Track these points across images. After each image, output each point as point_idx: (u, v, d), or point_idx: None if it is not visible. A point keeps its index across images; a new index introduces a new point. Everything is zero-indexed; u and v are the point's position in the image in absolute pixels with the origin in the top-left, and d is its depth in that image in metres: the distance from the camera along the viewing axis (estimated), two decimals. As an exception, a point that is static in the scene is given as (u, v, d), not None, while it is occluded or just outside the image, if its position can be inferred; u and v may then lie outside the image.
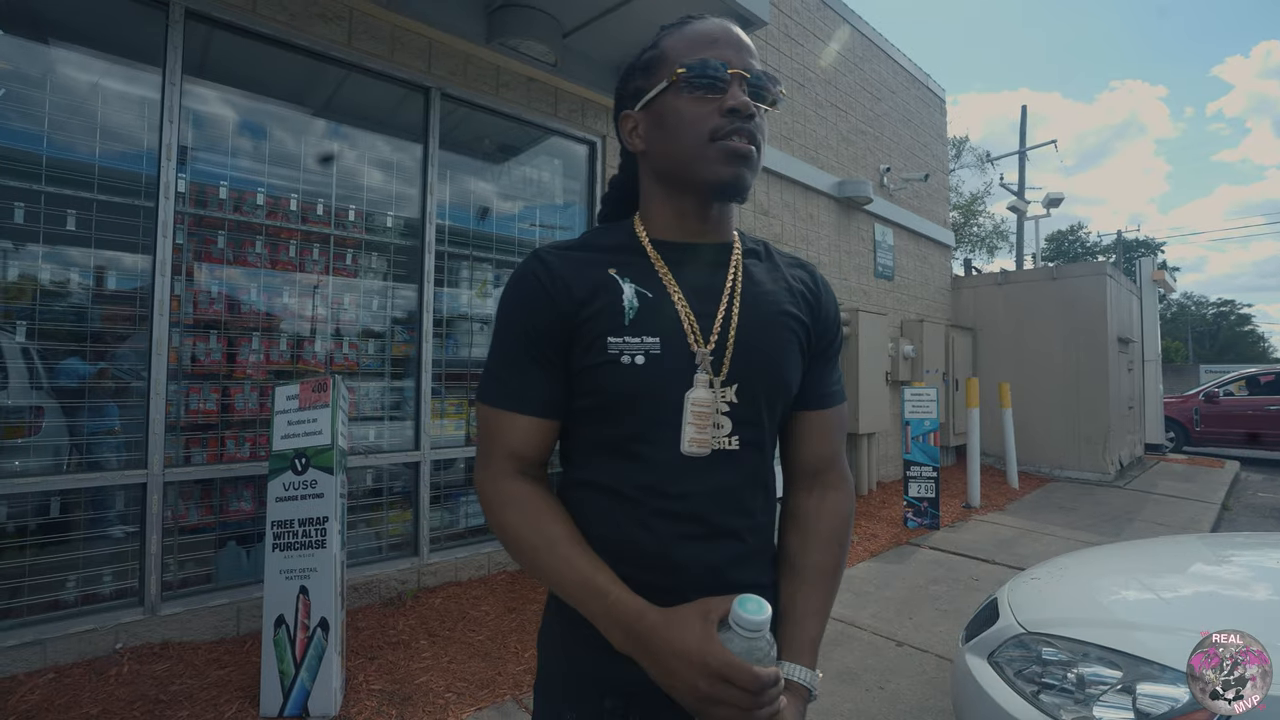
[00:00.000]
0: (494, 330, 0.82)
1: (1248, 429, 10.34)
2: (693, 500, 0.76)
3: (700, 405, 0.75)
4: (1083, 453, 7.60)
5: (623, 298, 0.77)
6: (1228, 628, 1.51)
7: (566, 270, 0.78)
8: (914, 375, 7.28)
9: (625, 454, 0.77)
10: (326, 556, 2.35)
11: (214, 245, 2.95)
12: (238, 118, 3.05)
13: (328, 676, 2.28)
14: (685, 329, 0.77)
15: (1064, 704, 1.46)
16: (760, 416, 0.80)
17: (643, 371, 0.75)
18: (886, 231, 7.54)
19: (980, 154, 22.33)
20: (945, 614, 3.37)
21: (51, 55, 2.60)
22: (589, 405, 0.77)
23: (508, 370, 0.79)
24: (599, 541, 0.76)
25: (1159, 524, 5.45)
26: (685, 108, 0.76)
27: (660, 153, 0.80)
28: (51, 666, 2.40)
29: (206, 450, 2.90)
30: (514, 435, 0.78)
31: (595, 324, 0.76)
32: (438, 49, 3.55)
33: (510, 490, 0.78)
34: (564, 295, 0.77)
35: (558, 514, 0.77)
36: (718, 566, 0.77)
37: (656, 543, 0.75)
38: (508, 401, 0.79)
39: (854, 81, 7.13)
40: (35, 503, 2.51)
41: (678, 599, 0.72)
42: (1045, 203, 13.79)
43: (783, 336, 0.83)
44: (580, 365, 0.76)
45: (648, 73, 0.81)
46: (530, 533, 0.75)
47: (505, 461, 0.79)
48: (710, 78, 0.75)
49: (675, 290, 0.79)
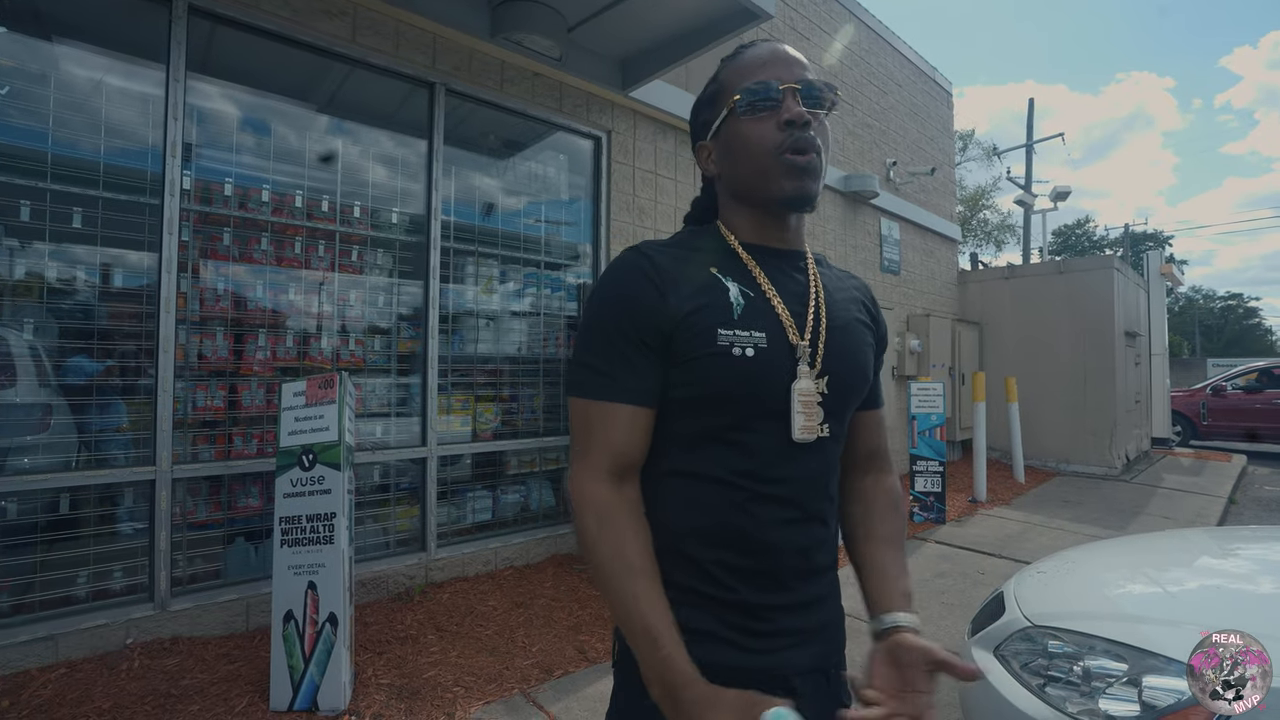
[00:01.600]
0: (589, 322, 0.83)
1: (1255, 423, 10.28)
2: (790, 485, 0.81)
3: (805, 395, 0.81)
4: (1089, 447, 7.57)
5: (729, 294, 0.82)
6: (1232, 623, 1.51)
7: (670, 265, 0.82)
8: (920, 370, 7.26)
9: (726, 442, 0.80)
10: (334, 552, 2.37)
11: (219, 242, 2.96)
12: (242, 114, 3.05)
13: (337, 671, 2.29)
14: (785, 325, 0.83)
15: (1070, 696, 1.46)
16: (844, 409, 0.87)
17: (752, 363, 0.79)
18: (893, 226, 7.50)
19: (987, 148, 22.20)
20: (952, 608, 3.37)
21: (55, 52, 2.61)
22: (692, 395, 0.80)
23: (609, 361, 0.80)
24: (695, 530, 0.79)
25: (1165, 518, 5.43)
26: (746, 129, 0.83)
27: (731, 175, 0.87)
28: (63, 661, 2.43)
29: (214, 447, 2.92)
30: (617, 428, 0.79)
31: (704, 317, 0.79)
32: (442, 44, 3.54)
33: (602, 497, 0.78)
34: (670, 287, 0.80)
35: (641, 538, 0.78)
36: (807, 549, 0.83)
37: (756, 527, 0.79)
38: (611, 392, 0.79)
39: (860, 75, 7.08)
40: (45, 499, 2.54)
41: (771, 582, 0.80)
42: (1052, 196, 13.70)
43: (861, 338, 0.92)
44: (687, 356, 0.78)
45: (712, 105, 0.89)
46: (609, 552, 0.76)
47: (604, 458, 0.79)
48: (763, 97, 0.81)
49: (771, 290, 0.85)
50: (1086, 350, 7.67)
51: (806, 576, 0.83)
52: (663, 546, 0.80)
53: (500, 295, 3.98)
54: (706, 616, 0.79)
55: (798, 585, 0.82)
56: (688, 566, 0.80)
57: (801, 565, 0.82)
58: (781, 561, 0.80)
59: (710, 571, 0.79)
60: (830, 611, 0.87)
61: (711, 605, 0.79)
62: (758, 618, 0.79)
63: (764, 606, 0.80)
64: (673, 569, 0.79)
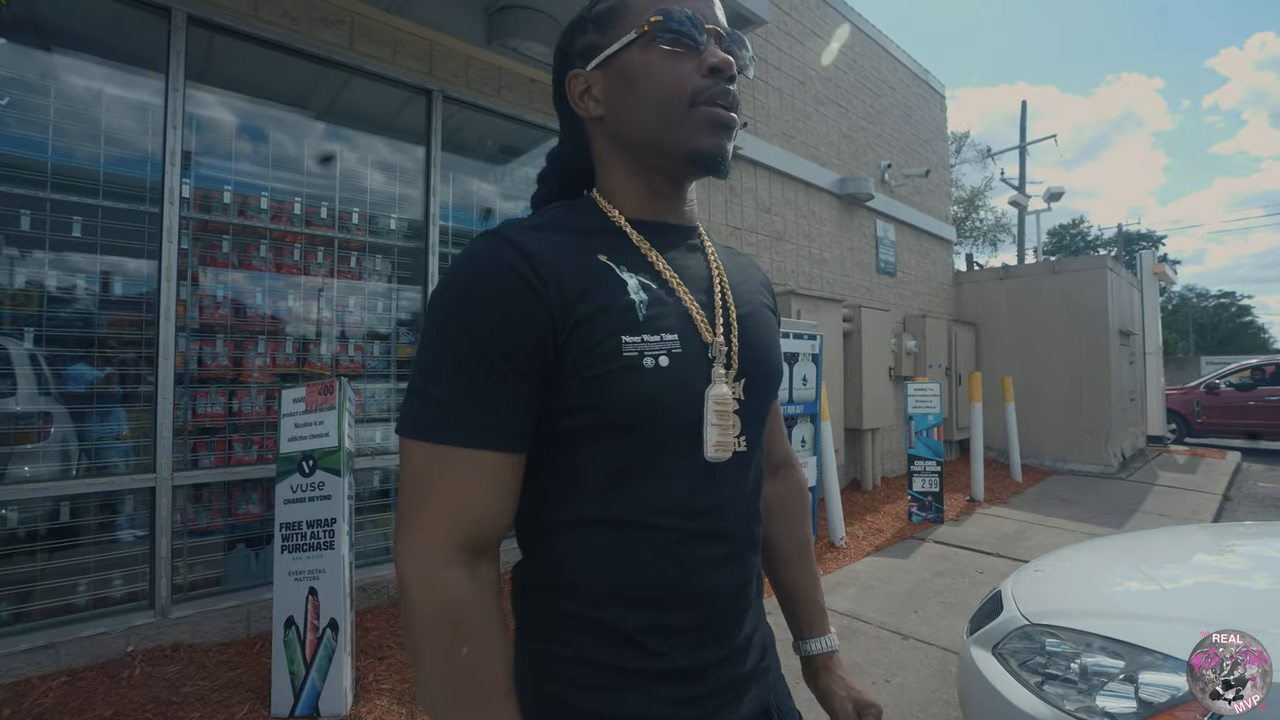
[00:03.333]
0: (437, 338, 0.61)
1: (1249, 420, 10.34)
2: (718, 515, 0.67)
3: (721, 403, 0.66)
4: (1085, 445, 7.61)
5: (628, 290, 0.64)
6: (1228, 619, 1.53)
7: (547, 254, 0.62)
8: (917, 370, 7.29)
9: (642, 474, 0.64)
10: (335, 558, 2.37)
11: (219, 250, 2.97)
12: (240, 122, 3.07)
13: (338, 676, 2.30)
14: (696, 322, 0.68)
15: (1068, 694, 1.48)
16: (763, 412, 0.75)
17: (668, 374, 0.63)
18: (888, 227, 7.54)
19: (981, 149, 22.32)
20: (950, 607, 3.38)
21: (54, 62, 2.62)
22: (595, 423, 0.63)
23: (470, 392, 0.59)
24: (614, 592, 0.64)
25: (1161, 515, 5.46)
26: (659, 65, 0.66)
27: (627, 118, 0.68)
28: (65, 670, 2.43)
29: (214, 454, 2.92)
30: (472, 485, 0.59)
31: (602, 322, 0.62)
32: (439, 52, 3.56)
33: (455, 595, 0.58)
34: (555, 287, 0.61)
35: (504, 649, 0.61)
36: (743, 586, 0.71)
37: (688, 574, 0.65)
38: (472, 435, 0.59)
39: (854, 78, 7.13)
40: (46, 508, 2.54)
41: (707, 636, 0.67)
42: (1046, 197, 13.77)
43: (769, 324, 0.79)
44: (584, 374, 0.61)
45: (603, 26, 0.70)
46: (463, 678, 0.58)
47: (453, 530, 0.58)
48: (686, 31, 0.66)
49: (674, 279, 0.69)
50: (1081, 349, 7.72)
51: (743, 616, 0.71)
52: (572, 614, 0.65)
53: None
54: (634, 698, 0.63)
55: (736, 630, 0.70)
56: (607, 638, 0.64)
57: (739, 605, 0.70)
58: (719, 607, 0.68)
59: (635, 640, 0.63)
60: (763, 641, 0.76)
61: (639, 682, 0.64)
62: (694, 681, 0.66)
63: (700, 667, 0.66)
64: (586, 643, 0.64)
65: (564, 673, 0.65)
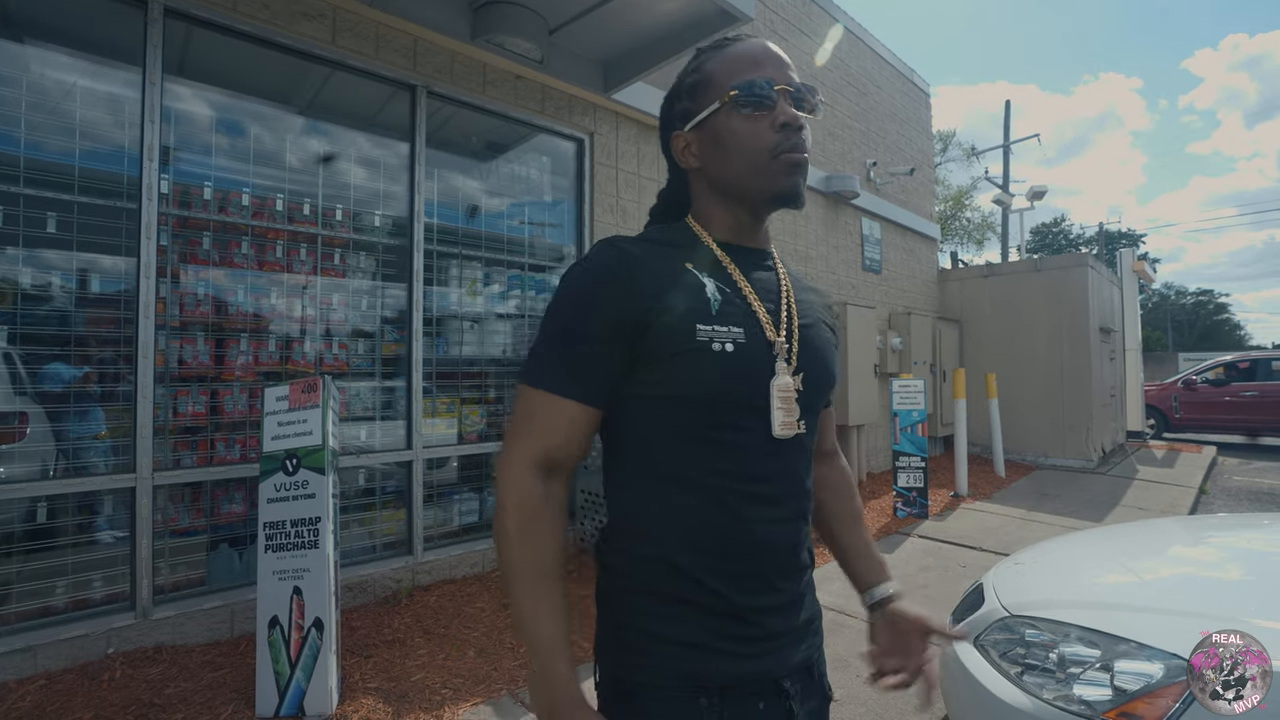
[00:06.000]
0: (555, 313, 0.80)
1: (1223, 415, 10.55)
2: (774, 483, 0.81)
3: (784, 391, 0.80)
4: (1067, 441, 7.72)
5: (705, 290, 0.80)
6: (1201, 608, 1.57)
7: (645, 259, 0.80)
8: (902, 367, 7.35)
9: (710, 441, 0.78)
10: (319, 556, 2.36)
11: (199, 247, 2.92)
12: (220, 117, 3.02)
13: (323, 676, 2.28)
14: (762, 322, 0.83)
15: (1046, 683, 1.50)
16: (817, 404, 0.89)
17: (733, 358, 0.78)
18: (874, 225, 7.60)
19: (966, 148, 22.53)
20: (934, 600, 3.42)
21: (28, 55, 2.57)
22: (672, 393, 0.78)
23: (565, 354, 0.78)
24: (682, 537, 0.78)
25: (1140, 508, 5.56)
26: (740, 127, 0.81)
27: (721, 170, 0.85)
28: (43, 673, 2.39)
29: (196, 453, 2.88)
30: (559, 423, 0.77)
31: (681, 312, 0.77)
32: (423, 47, 3.54)
33: (528, 491, 0.77)
34: (645, 282, 0.78)
35: (558, 541, 0.78)
36: (794, 547, 0.84)
37: (745, 529, 0.79)
38: (561, 385, 0.77)
39: (840, 77, 7.16)
40: (23, 509, 2.49)
41: (760, 584, 0.80)
42: (1029, 195, 13.92)
43: (827, 336, 0.94)
44: (664, 353, 0.76)
45: (694, 96, 0.86)
46: (524, 556, 0.76)
47: (539, 449, 0.77)
48: (760, 97, 0.81)
49: (746, 287, 0.84)
50: (1063, 346, 7.83)
51: (793, 575, 0.84)
52: (647, 555, 0.79)
53: (484, 297, 3.97)
54: (695, 627, 0.77)
55: (785, 585, 0.83)
56: (674, 576, 0.78)
57: (789, 564, 0.83)
58: (771, 562, 0.81)
59: (698, 579, 0.77)
60: (812, 606, 0.89)
61: (700, 614, 0.77)
62: (748, 623, 0.79)
63: (754, 609, 0.79)
64: (657, 579, 0.78)
65: (635, 603, 0.80)
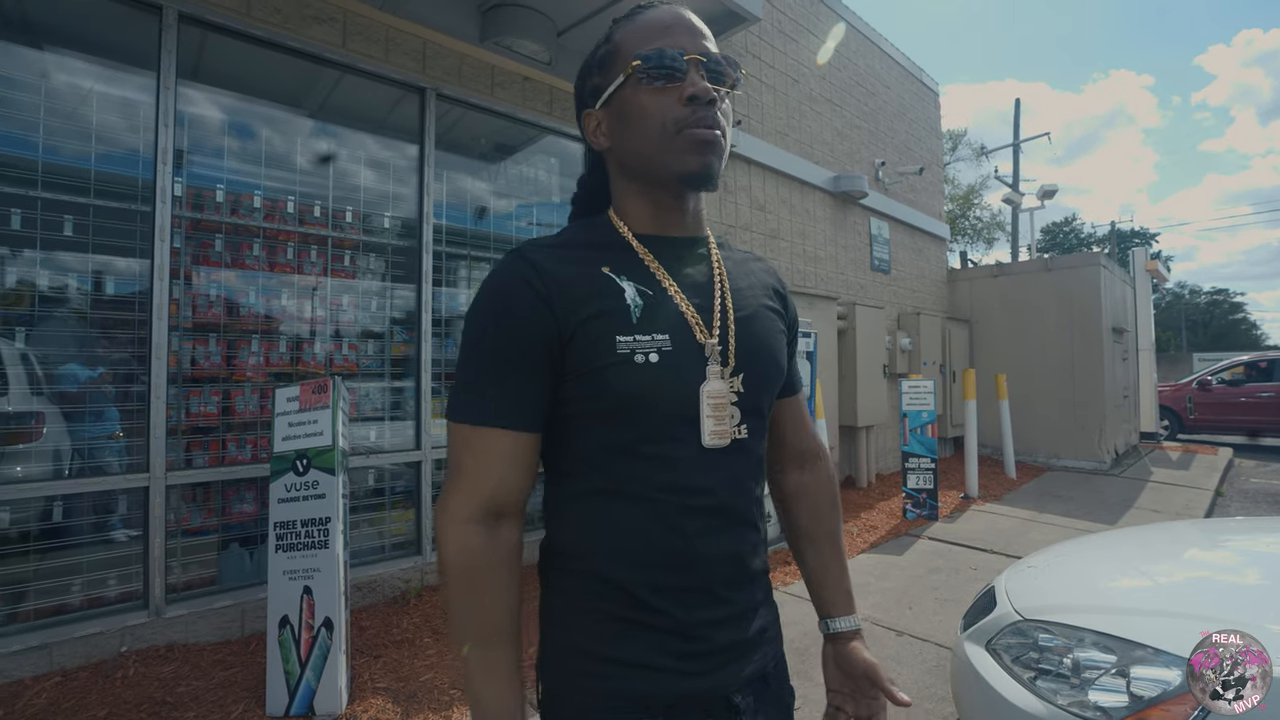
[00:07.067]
0: (469, 339, 0.75)
1: (1240, 415, 10.41)
2: (714, 494, 0.76)
3: (716, 397, 0.76)
4: (1079, 442, 7.65)
5: (625, 296, 0.75)
6: (1218, 614, 1.54)
7: (557, 269, 0.74)
8: (911, 368, 7.31)
9: (640, 455, 0.74)
10: (329, 556, 2.37)
11: (211, 249, 2.95)
12: (233, 120, 3.05)
13: (333, 675, 2.29)
14: (690, 323, 0.77)
15: (1060, 689, 1.48)
16: (762, 405, 0.83)
17: (657, 369, 0.73)
18: (882, 225, 7.56)
19: (975, 147, 22.39)
20: (945, 603, 3.40)
21: (45, 61, 2.60)
22: (597, 409, 0.74)
23: (492, 382, 0.73)
24: (620, 553, 0.74)
25: (1154, 511, 5.50)
26: (645, 100, 0.75)
27: (628, 148, 0.78)
28: (58, 670, 2.42)
29: (208, 453, 2.91)
30: (497, 460, 0.72)
31: (599, 324, 0.73)
32: (432, 50, 3.55)
33: (471, 545, 0.71)
34: (559, 296, 0.73)
35: (509, 598, 0.74)
36: (738, 555, 0.79)
37: (685, 542, 0.74)
38: (495, 417, 0.72)
39: (848, 76, 7.13)
40: (39, 508, 2.52)
41: (705, 597, 0.76)
42: (1039, 194, 13.80)
43: (772, 326, 0.87)
44: (586, 368, 0.72)
45: (604, 69, 0.80)
46: (471, 614, 0.72)
47: (478, 494, 0.72)
48: (667, 67, 0.74)
49: (672, 285, 0.78)
50: (1075, 346, 7.75)
51: (741, 585, 0.79)
52: (586, 572, 0.76)
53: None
54: (639, 646, 0.73)
55: (733, 596, 0.78)
56: (615, 593, 0.74)
57: (734, 573, 0.78)
58: (716, 574, 0.76)
59: (639, 596, 0.73)
60: (766, 615, 0.84)
61: (644, 632, 0.74)
62: (694, 638, 0.75)
63: (700, 624, 0.75)
64: (598, 597, 0.75)
65: (578, 622, 0.76)
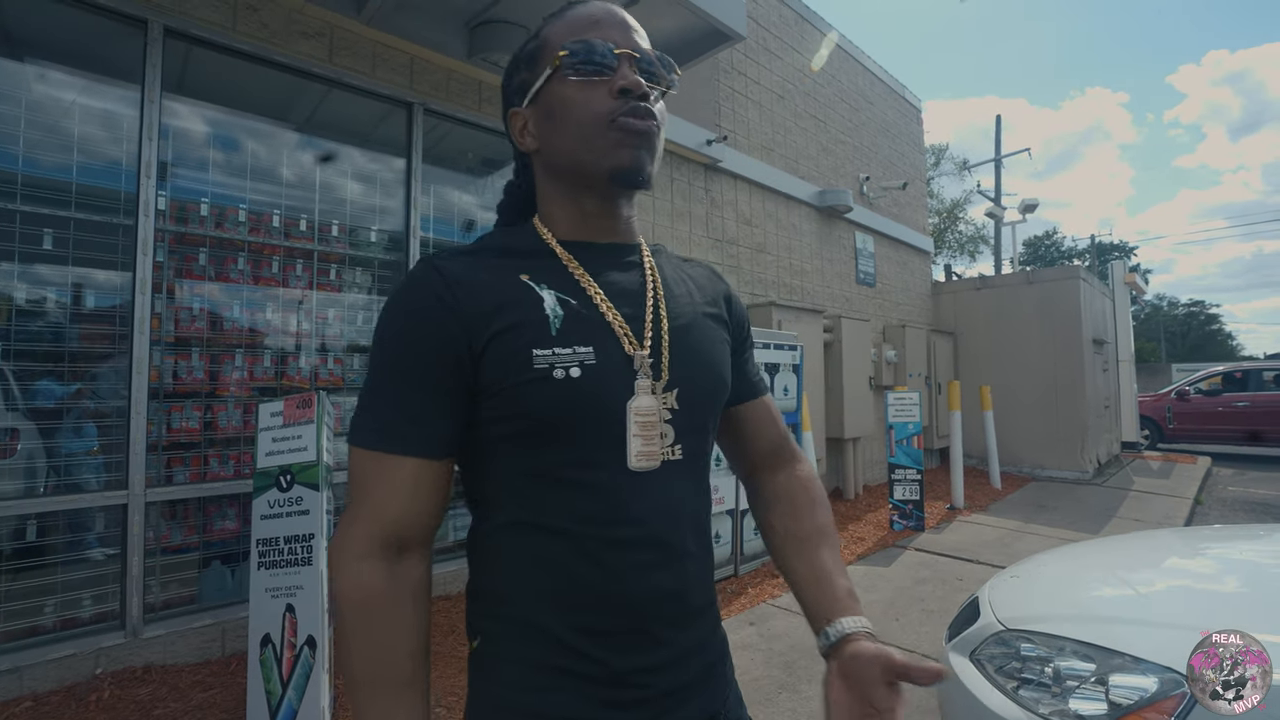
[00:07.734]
0: (371, 356, 0.69)
1: (1217, 425, 10.60)
2: (644, 523, 0.68)
3: (644, 414, 0.68)
4: (1062, 452, 7.74)
5: (544, 305, 0.68)
6: (1197, 621, 1.57)
7: (469, 278, 0.67)
8: (897, 380, 7.38)
9: (562, 482, 0.67)
10: (313, 574, 2.34)
11: (195, 262, 2.93)
12: (218, 134, 3.04)
13: (315, 695, 2.25)
14: (617, 333, 0.70)
15: (1042, 698, 1.50)
16: (704, 421, 0.76)
17: (579, 385, 0.65)
18: (867, 239, 7.66)
19: (958, 161, 22.80)
20: (931, 614, 3.41)
21: (28, 73, 2.58)
22: (512, 431, 0.66)
23: (393, 404, 0.66)
24: (544, 594, 0.67)
25: (1136, 519, 5.57)
26: (573, 94, 0.69)
27: (555, 147, 0.72)
28: (29, 694, 2.35)
29: (189, 469, 2.87)
30: (399, 488, 0.65)
31: (514, 337, 0.66)
32: (419, 65, 3.57)
33: (366, 581, 0.64)
34: (469, 307, 0.66)
35: (412, 638, 0.66)
36: (679, 593, 0.70)
37: (614, 580, 0.66)
38: (396, 442, 0.65)
39: (832, 93, 7.26)
40: (11, 526, 2.47)
41: (642, 639, 0.68)
42: (1021, 208, 14.05)
43: (713, 335, 0.80)
44: (500, 385, 0.65)
45: (531, 64, 0.74)
46: (364, 656, 0.64)
47: (375, 526, 0.65)
48: (596, 60, 0.69)
49: (598, 293, 0.71)
50: (1056, 358, 7.88)
51: (682, 624, 0.71)
52: (508, 616, 0.68)
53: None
54: (571, 698, 0.65)
55: (674, 636, 0.70)
56: (540, 639, 0.66)
57: (674, 612, 0.70)
58: (653, 614, 0.68)
59: (569, 643, 0.66)
60: (713, 651, 0.76)
61: (576, 682, 0.66)
62: (631, 686, 0.66)
63: (637, 671, 0.67)
64: (523, 644, 0.67)
65: (502, 673, 0.68)
